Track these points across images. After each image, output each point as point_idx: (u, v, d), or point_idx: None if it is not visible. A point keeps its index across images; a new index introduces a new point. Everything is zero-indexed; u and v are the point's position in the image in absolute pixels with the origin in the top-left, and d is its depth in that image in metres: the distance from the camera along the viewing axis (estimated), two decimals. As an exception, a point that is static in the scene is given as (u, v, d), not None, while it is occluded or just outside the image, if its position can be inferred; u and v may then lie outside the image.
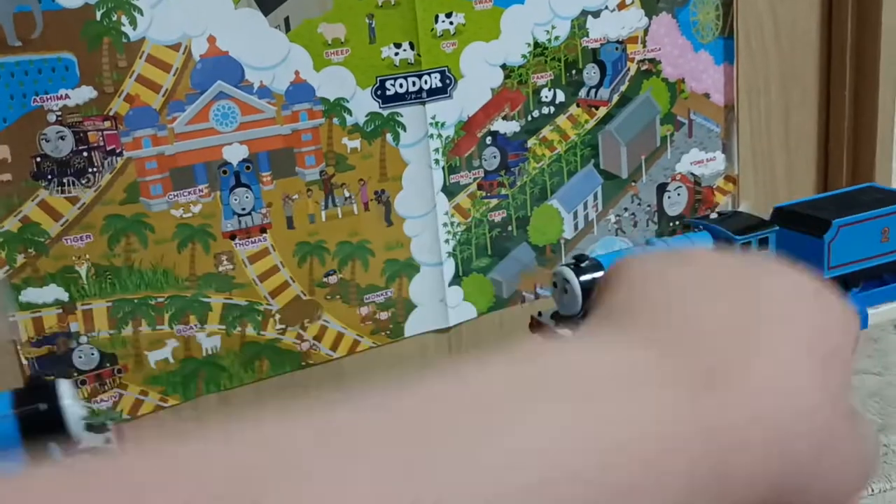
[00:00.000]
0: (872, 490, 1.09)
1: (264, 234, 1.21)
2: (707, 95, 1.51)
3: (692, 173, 1.52)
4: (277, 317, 1.24)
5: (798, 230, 0.87)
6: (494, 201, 1.36)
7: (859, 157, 1.62)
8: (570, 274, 0.80)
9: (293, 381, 1.26)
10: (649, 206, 1.50)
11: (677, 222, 1.53)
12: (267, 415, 0.28)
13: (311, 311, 1.27)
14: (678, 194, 1.52)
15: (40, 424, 0.64)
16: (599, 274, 0.79)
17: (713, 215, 0.89)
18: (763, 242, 0.84)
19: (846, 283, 0.88)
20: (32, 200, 1.07)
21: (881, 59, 1.52)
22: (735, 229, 0.84)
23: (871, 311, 0.89)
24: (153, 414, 1.20)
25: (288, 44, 1.17)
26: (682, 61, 1.47)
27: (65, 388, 0.65)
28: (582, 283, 0.79)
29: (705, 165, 1.53)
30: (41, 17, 1.03)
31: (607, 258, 0.82)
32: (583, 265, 0.80)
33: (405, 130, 1.27)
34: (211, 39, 1.13)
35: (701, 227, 0.86)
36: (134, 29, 1.08)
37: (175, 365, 1.19)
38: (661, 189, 1.50)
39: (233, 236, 1.19)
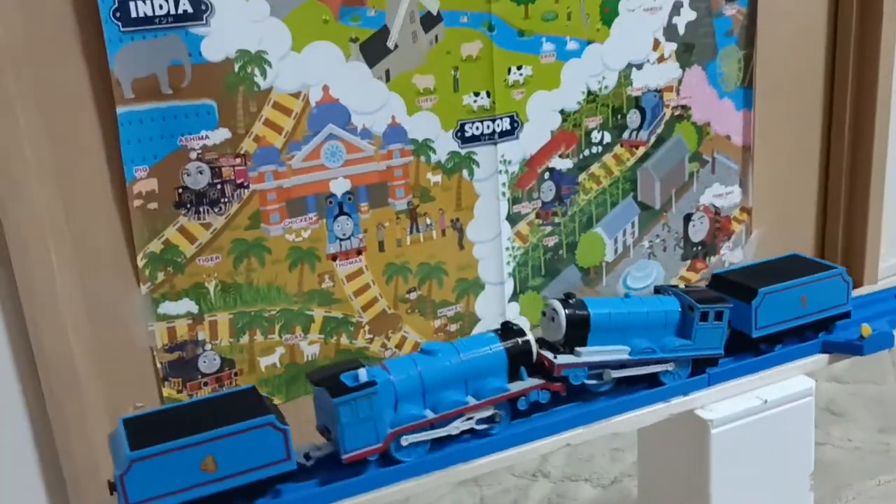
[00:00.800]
0: (879, 481, 1.31)
1: (360, 256, 1.39)
2: (728, 137, 1.72)
3: (713, 205, 1.74)
4: (367, 328, 1.42)
5: (731, 296, 1.01)
6: (549, 228, 1.56)
7: (854, 194, 1.85)
8: (559, 306, 0.96)
9: (377, 384, 1.44)
10: (677, 233, 1.71)
11: (699, 248, 1.74)
12: None
13: (395, 323, 1.45)
14: (701, 223, 1.73)
15: (519, 354, 0.90)
16: (584, 312, 0.94)
17: (682, 286, 1.05)
18: (720, 315, 0.98)
19: (772, 340, 1.03)
20: (173, 226, 1.24)
21: (877, 116, 1.75)
22: (698, 299, 0.99)
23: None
24: (259, 412, 1.36)
25: (387, 92, 1.35)
26: (709, 107, 1.68)
27: (527, 328, 0.92)
28: (567, 316, 0.95)
29: (724, 198, 1.75)
30: (190, 70, 1.20)
31: (591, 301, 0.97)
32: (570, 301, 0.96)
33: (479, 167, 1.46)
34: (325, 88, 1.30)
35: (671, 292, 1.04)
36: (264, 79, 1.25)
37: (281, 369, 1.36)
38: (687, 218, 1.71)
39: (334, 258, 1.37)
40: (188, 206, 1.24)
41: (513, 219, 1.51)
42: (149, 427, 0.84)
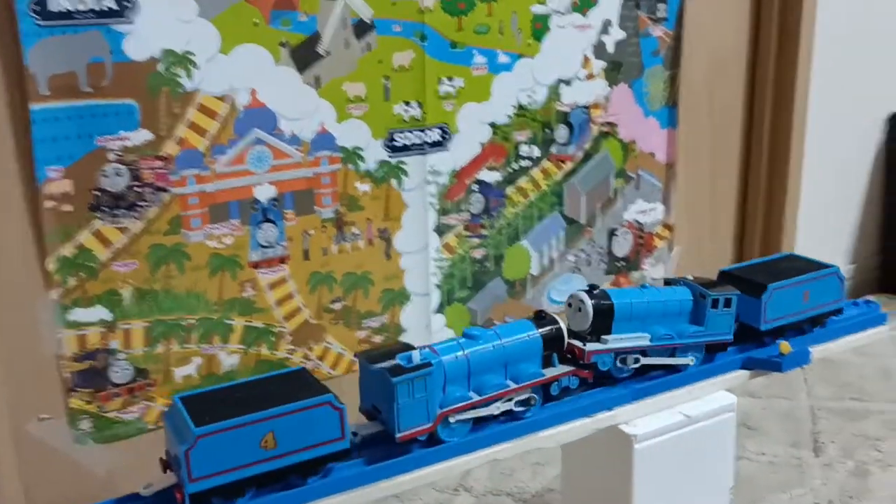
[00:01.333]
0: (791, 494, 1.34)
1: (283, 265, 1.36)
2: (653, 155, 1.75)
3: (637, 220, 1.76)
4: (289, 338, 1.39)
5: (740, 291, 1.04)
6: (477, 240, 1.56)
7: (771, 211, 1.91)
8: (586, 297, 0.99)
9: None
10: (601, 248, 1.73)
11: (623, 263, 1.76)
12: None
13: (318, 333, 1.42)
14: (625, 238, 1.76)
15: (553, 340, 0.94)
16: (608, 302, 0.99)
17: (689, 277, 1.10)
18: (728, 302, 1.03)
19: (776, 333, 1.09)
20: (88, 229, 1.18)
21: (793, 136, 1.82)
22: (709, 287, 1.05)
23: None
24: (175, 424, 1.31)
25: (317, 99, 1.32)
26: (635, 125, 1.71)
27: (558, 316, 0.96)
28: (594, 306, 0.98)
29: (648, 214, 1.78)
30: (112, 68, 1.15)
31: (613, 292, 1.01)
32: (595, 292, 1.00)
33: (408, 177, 1.45)
34: (253, 92, 1.27)
35: (682, 283, 1.07)
36: (190, 80, 1.21)
37: (198, 380, 1.32)
38: (611, 233, 1.74)
39: (257, 266, 1.33)
40: (104, 209, 1.19)
41: (441, 230, 1.51)
42: (207, 404, 0.82)
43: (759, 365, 1.03)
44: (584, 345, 0.97)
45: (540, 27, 1.53)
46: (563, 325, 0.96)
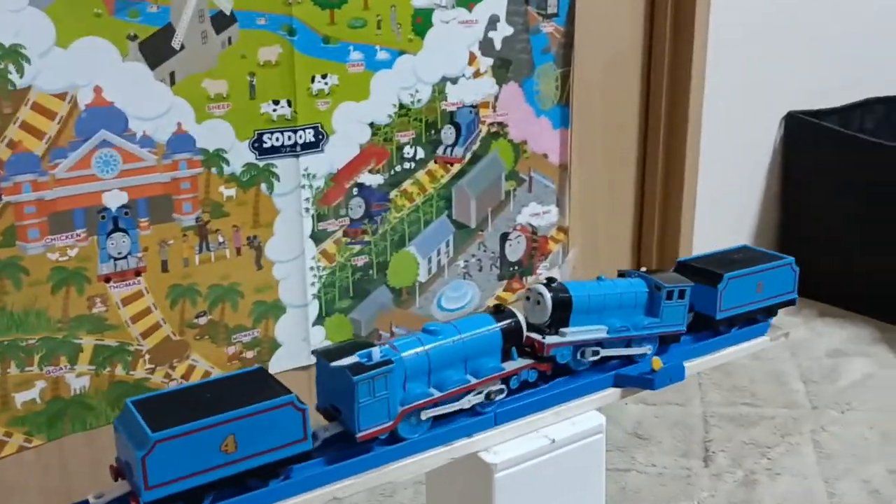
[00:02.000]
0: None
1: (139, 277, 1.25)
2: (545, 156, 1.69)
3: (531, 224, 1.71)
4: (147, 357, 1.28)
5: (696, 280, 1.06)
6: (358, 247, 1.47)
7: (668, 212, 1.87)
8: (544, 290, 0.96)
9: (161, 418, 1.30)
10: (493, 252, 1.66)
11: (516, 268, 1.70)
12: None
13: (181, 350, 1.32)
14: (518, 242, 1.70)
15: (512, 334, 0.92)
16: (566, 294, 0.97)
17: (643, 269, 1.07)
18: (682, 294, 1.03)
19: (731, 322, 1.10)
20: None
21: (688, 135, 1.78)
22: (663, 280, 1.03)
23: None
24: (16, 455, 1.20)
25: (172, 97, 1.22)
26: (526, 125, 1.65)
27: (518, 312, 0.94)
28: (552, 298, 0.96)
29: (541, 217, 1.72)
30: (-76, 62, 1.03)
31: (571, 284, 0.99)
32: (553, 285, 0.97)
33: (279, 181, 1.35)
34: (97, 90, 1.16)
35: (636, 275, 1.05)
36: (21, 77, 1.09)
37: (41, 405, 1.20)
38: (504, 238, 1.67)
39: (107, 279, 1.22)
40: (-78, 219, 1.06)
41: (318, 237, 1.42)
42: (161, 408, 0.78)
43: (631, 382, 0.97)
44: (544, 338, 0.95)
45: (421, 22, 1.45)
46: (521, 319, 0.95)
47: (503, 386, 0.92)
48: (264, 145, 1.32)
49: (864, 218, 1.99)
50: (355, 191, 1.44)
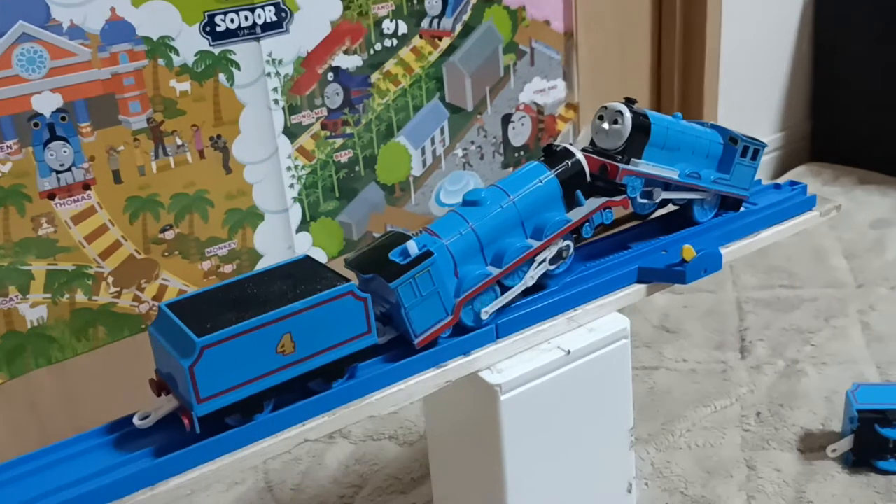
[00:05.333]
0: (715, 407, 1.17)
1: (88, 192, 1.10)
2: (547, 23, 1.49)
3: (535, 102, 1.52)
4: (110, 279, 1.14)
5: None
6: (340, 141, 1.30)
7: (689, 83, 1.68)
8: (624, 109, 0.83)
9: (135, 345, 1.17)
10: (495, 137, 1.49)
11: (522, 153, 1.53)
12: None
13: (149, 270, 1.18)
14: (522, 124, 1.52)
15: (573, 178, 0.80)
16: (647, 119, 0.84)
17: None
18: (756, 152, 0.91)
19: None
20: None
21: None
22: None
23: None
24: (-25, 396, 1.08)
25: (99, -24, 1.03)
26: (523, -12, 1.44)
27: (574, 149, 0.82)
28: (633, 119, 0.82)
29: (547, 94, 1.53)
30: None
31: (651, 113, 0.85)
32: (633, 106, 0.83)
33: (239, 70, 1.17)
34: (5, -28, 0.98)
35: (709, 125, 0.92)
36: None
37: (-4, 341, 1.08)
38: (506, 120, 1.49)
39: (52, 196, 1.07)
40: None
41: (292, 132, 1.25)
42: (203, 310, 0.68)
43: (658, 276, 0.82)
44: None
45: None
46: (580, 157, 0.81)
47: (568, 243, 0.79)
48: (217, 29, 1.14)
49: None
50: (330, 76, 1.26)
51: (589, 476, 0.83)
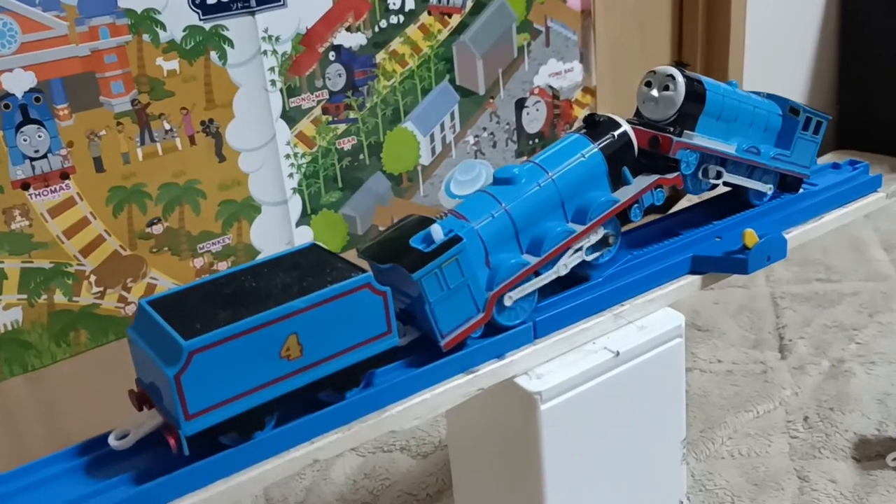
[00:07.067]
0: (758, 411, 1.07)
1: (66, 181, 0.99)
2: (563, 0, 1.39)
3: (550, 86, 1.42)
4: (93, 278, 1.04)
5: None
6: (342, 126, 1.20)
7: (712, 66, 1.58)
8: (677, 73, 0.73)
9: (120, 351, 1.07)
10: (508, 123, 1.38)
11: (536, 140, 1.43)
12: None
13: (135, 268, 1.07)
14: (537, 109, 1.42)
15: (619, 151, 0.70)
16: (702, 86, 0.74)
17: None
18: (819, 126, 0.83)
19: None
20: None
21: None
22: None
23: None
24: (-58, 409, 0.97)
25: (76, -60, 0.93)
26: (538, -38, 1.34)
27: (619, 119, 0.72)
28: (687, 86, 0.72)
29: (563, 77, 1.43)
30: None
31: (705, 79, 0.76)
32: (686, 72, 0.74)
33: (233, 47, 1.07)
34: (-31, -67, 0.87)
35: (765, 95, 0.83)
36: None
37: (-35, 348, 0.97)
38: (520, 105, 1.39)
39: (26, 185, 0.96)
40: None
41: (291, 116, 1.14)
42: (191, 307, 0.57)
43: (715, 265, 0.72)
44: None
45: None
46: (627, 128, 0.71)
47: (609, 231, 0.69)
48: (208, 1, 1.03)
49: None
50: (332, 55, 1.16)
51: (636, 493, 0.73)
